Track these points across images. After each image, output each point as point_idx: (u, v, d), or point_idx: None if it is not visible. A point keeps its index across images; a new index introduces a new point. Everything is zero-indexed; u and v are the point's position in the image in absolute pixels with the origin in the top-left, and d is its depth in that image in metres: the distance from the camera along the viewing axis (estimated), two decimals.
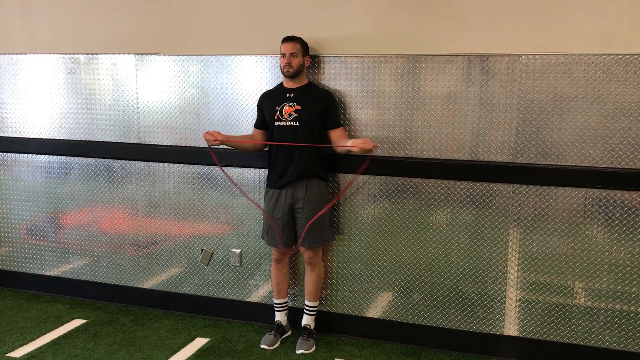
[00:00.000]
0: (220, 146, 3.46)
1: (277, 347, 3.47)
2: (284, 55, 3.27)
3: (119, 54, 3.83)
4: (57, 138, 4.04)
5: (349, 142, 3.19)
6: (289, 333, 3.62)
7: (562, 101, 3.06)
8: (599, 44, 2.97)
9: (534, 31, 3.06)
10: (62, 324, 3.75)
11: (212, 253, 3.82)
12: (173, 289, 3.95)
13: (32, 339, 3.53)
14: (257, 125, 3.49)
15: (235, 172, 3.67)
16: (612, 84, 2.97)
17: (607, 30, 2.96)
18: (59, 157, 4.06)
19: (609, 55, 2.96)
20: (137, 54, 3.79)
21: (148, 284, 4.00)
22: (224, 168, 3.57)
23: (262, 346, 3.45)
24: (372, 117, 3.38)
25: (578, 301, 3.18)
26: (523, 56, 3.09)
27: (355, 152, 3.14)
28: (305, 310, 3.54)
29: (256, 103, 3.49)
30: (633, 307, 3.10)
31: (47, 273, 4.23)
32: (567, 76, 3.04)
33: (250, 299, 3.79)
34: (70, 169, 4.05)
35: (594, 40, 2.98)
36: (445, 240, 3.35)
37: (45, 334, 3.61)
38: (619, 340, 3.14)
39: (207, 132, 3.38)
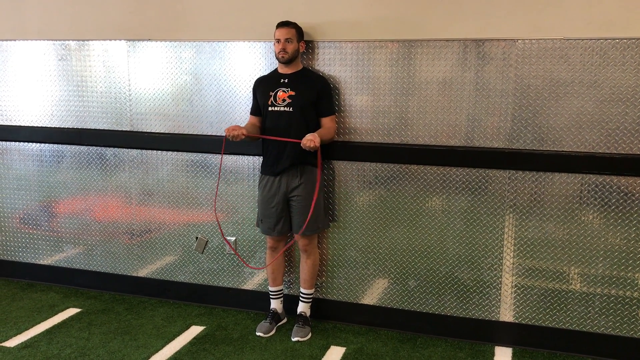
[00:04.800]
0: (213, 132, 3.43)
1: (272, 334, 3.46)
2: (278, 41, 3.23)
3: (111, 40, 3.78)
4: (48, 126, 4.00)
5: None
6: (285, 320, 3.61)
7: (559, 86, 3.04)
8: (596, 28, 2.95)
9: (530, 15, 3.03)
10: (56, 313, 3.73)
11: (207, 241, 3.80)
12: (168, 277, 3.93)
13: (26, 328, 3.51)
14: (253, 112, 3.46)
15: (230, 160, 3.64)
16: (609, 68, 2.95)
17: (604, 14, 2.93)
18: (51, 145, 4.02)
19: (606, 39, 2.93)
20: (129, 40, 3.74)
21: (142, 272, 3.99)
22: (217, 157, 3.55)
23: (257, 334, 3.44)
24: (367, 103, 3.35)
25: (574, 287, 3.18)
26: (519, 41, 3.06)
27: (303, 146, 3.13)
28: (300, 298, 3.54)
29: (250, 89, 3.47)
30: (628, 292, 3.10)
31: (41, 262, 4.21)
32: (563, 61, 3.01)
33: (245, 287, 3.78)
34: (62, 157, 4.01)
35: (591, 25, 2.95)
36: (440, 227, 3.34)
37: (39, 323, 3.59)
38: (614, 325, 3.14)
39: (230, 127, 3.22)
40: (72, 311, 3.77)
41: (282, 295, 3.60)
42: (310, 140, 3.12)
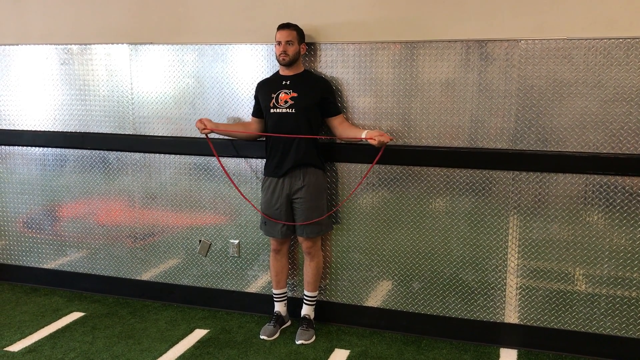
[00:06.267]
0: (216, 135, 3.44)
1: (276, 337, 3.45)
2: (279, 43, 3.23)
3: (113, 43, 3.78)
4: (51, 130, 4.00)
5: (364, 134, 3.17)
6: (289, 323, 3.61)
7: (562, 86, 3.02)
8: (599, 27, 2.93)
9: (533, 15, 3.02)
10: (60, 317, 3.73)
11: (210, 244, 3.80)
12: (171, 280, 3.93)
13: (30, 333, 3.51)
14: (254, 114, 3.46)
15: (233, 162, 3.64)
16: (613, 68, 2.94)
17: (608, 13, 2.92)
18: (54, 149, 4.02)
19: (610, 39, 2.92)
20: (131, 43, 3.74)
21: (146, 276, 3.98)
22: (221, 159, 3.54)
23: (261, 337, 3.44)
24: (369, 105, 3.34)
25: (579, 288, 3.16)
26: (522, 41, 3.05)
27: (373, 144, 3.12)
28: (304, 300, 3.53)
29: (252, 92, 3.46)
30: (634, 293, 3.08)
31: (45, 266, 4.21)
32: (567, 61, 3.00)
33: (249, 290, 3.77)
34: (65, 161, 4.02)
35: (594, 24, 2.94)
36: (444, 229, 3.32)
37: (43, 327, 3.59)
38: (620, 326, 3.12)
39: (198, 120, 3.40)
40: (75, 315, 3.77)
41: (285, 298, 3.59)
42: (381, 134, 3.13)
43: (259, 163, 3.57)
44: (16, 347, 3.35)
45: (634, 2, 2.87)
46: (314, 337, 3.42)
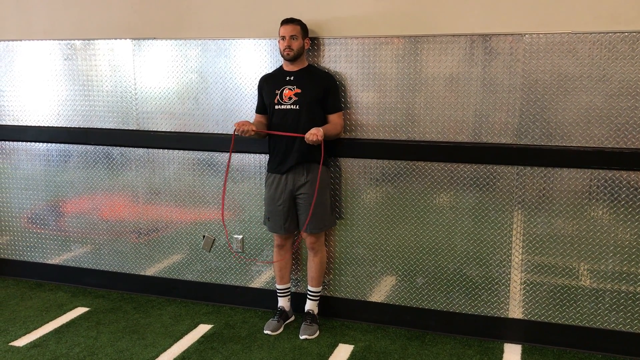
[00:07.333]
0: (216, 132, 3.42)
1: (280, 332, 3.46)
2: (283, 38, 3.22)
3: (116, 39, 3.78)
4: (55, 126, 4.01)
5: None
6: (293, 318, 3.61)
7: (567, 81, 3.01)
8: (604, 21, 2.92)
9: (537, 9, 3.01)
10: (64, 313, 3.74)
11: (214, 239, 3.80)
12: (175, 275, 3.93)
13: (35, 328, 3.52)
14: (258, 111, 3.44)
15: (236, 158, 3.63)
16: (618, 62, 2.92)
17: (613, 7, 2.90)
18: (58, 144, 4.03)
19: (615, 33, 2.90)
20: (134, 38, 3.74)
21: (150, 271, 3.99)
22: (222, 155, 3.52)
23: (265, 332, 3.44)
24: (373, 99, 3.34)
25: (583, 283, 3.15)
26: (526, 35, 3.03)
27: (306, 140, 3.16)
28: (308, 296, 3.53)
29: (256, 87, 3.45)
30: (639, 288, 3.07)
31: (49, 261, 4.22)
32: (571, 55, 2.98)
33: (253, 285, 3.77)
34: (69, 157, 4.02)
35: (599, 18, 2.92)
36: (448, 224, 3.32)
37: (48, 322, 3.60)
38: (625, 321, 3.12)
39: (240, 122, 3.24)
40: (80, 310, 3.78)
41: (289, 293, 3.60)
42: (314, 134, 3.12)
43: (262, 158, 3.57)
44: (21, 342, 3.36)
45: None
46: (317, 332, 3.43)
